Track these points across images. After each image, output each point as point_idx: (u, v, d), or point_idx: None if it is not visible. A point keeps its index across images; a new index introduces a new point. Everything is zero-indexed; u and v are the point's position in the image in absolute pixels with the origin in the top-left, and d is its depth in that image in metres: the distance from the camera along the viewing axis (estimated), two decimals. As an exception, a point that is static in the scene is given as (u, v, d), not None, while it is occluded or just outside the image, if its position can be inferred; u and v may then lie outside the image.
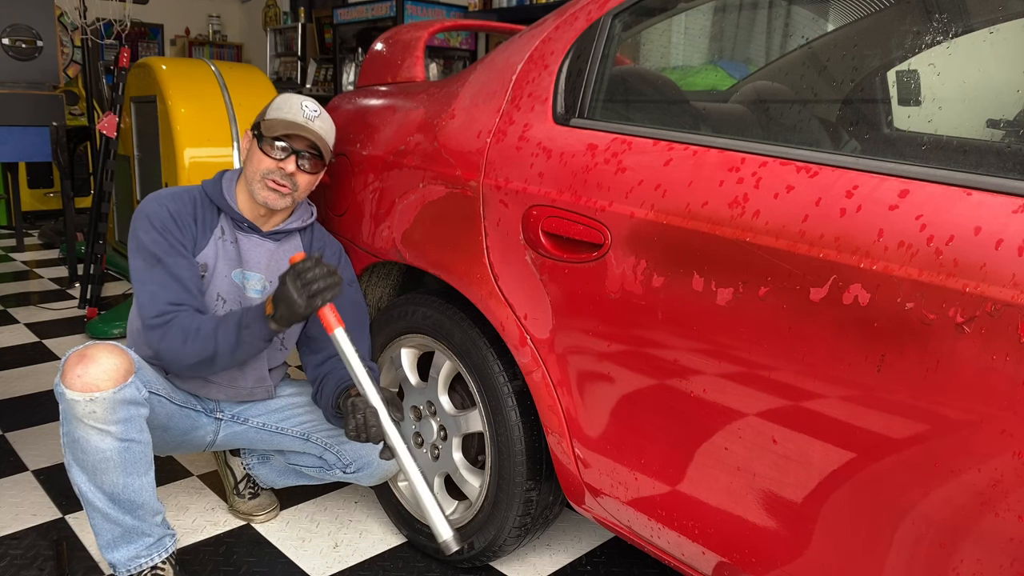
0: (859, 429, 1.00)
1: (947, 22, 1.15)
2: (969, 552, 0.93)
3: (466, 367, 1.60)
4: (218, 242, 1.65)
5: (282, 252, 1.71)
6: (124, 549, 1.53)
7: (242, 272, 1.68)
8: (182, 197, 1.65)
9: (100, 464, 1.45)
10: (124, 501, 1.49)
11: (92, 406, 1.41)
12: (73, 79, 5.86)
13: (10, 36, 3.89)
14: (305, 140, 1.61)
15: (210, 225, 1.65)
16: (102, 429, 1.43)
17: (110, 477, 1.46)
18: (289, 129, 1.59)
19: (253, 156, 1.63)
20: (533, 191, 1.40)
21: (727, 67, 1.85)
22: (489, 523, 1.62)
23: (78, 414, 1.41)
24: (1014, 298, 0.86)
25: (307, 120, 1.62)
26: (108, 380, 1.42)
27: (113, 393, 1.42)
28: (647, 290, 1.22)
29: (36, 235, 5.52)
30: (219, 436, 1.76)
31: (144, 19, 7.54)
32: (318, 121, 1.64)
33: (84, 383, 1.40)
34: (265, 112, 1.66)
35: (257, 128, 1.63)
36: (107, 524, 1.51)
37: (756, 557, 1.17)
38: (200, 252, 1.63)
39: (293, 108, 1.63)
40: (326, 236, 1.80)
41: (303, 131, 1.60)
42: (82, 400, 1.40)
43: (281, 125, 1.60)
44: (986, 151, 1.01)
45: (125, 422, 1.45)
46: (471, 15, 5.75)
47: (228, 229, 1.67)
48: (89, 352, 1.44)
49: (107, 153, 3.42)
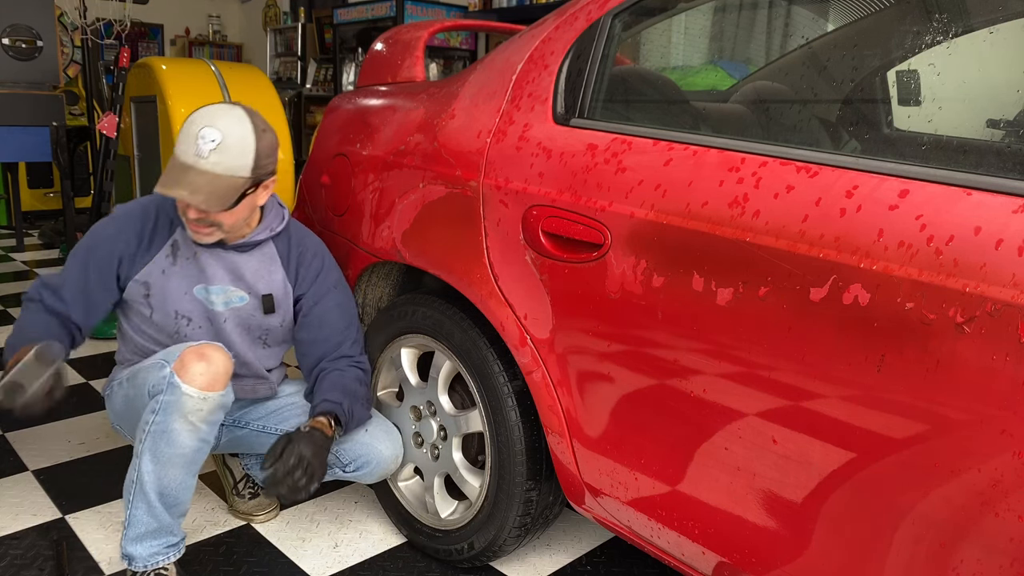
0: (859, 429, 1.00)
1: (947, 22, 1.15)
2: (969, 552, 0.93)
3: (466, 367, 1.60)
4: (166, 260, 1.61)
5: (255, 261, 1.67)
6: (149, 544, 1.55)
7: (205, 288, 1.63)
8: (133, 214, 1.62)
9: (175, 458, 1.49)
10: (172, 497, 1.52)
11: (202, 404, 1.46)
12: (73, 79, 5.85)
13: (10, 36, 3.89)
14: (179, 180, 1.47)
15: (159, 242, 1.61)
16: (196, 426, 1.47)
17: (174, 472, 1.50)
18: (167, 184, 1.46)
19: None
20: (533, 191, 1.40)
21: (727, 67, 1.85)
22: (489, 523, 1.62)
23: (186, 409, 1.45)
24: (1014, 298, 0.86)
25: (197, 159, 1.46)
26: (221, 382, 1.49)
27: (222, 396, 1.49)
28: (647, 290, 1.22)
29: (36, 235, 5.52)
30: (221, 441, 1.77)
31: (144, 19, 7.53)
32: (214, 156, 1.45)
33: (206, 381, 1.45)
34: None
35: None
36: (148, 517, 1.53)
37: (756, 557, 1.17)
38: (140, 271, 1.59)
39: (189, 144, 1.47)
40: (305, 239, 1.74)
41: (180, 182, 1.45)
42: (196, 397, 1.45)
43: (172, 171, 1.47)
44: (986, 151, 1.01)
45: (213, 424, 1.51)
46: (471, 15, 5.75)
47: (186, 244, 1.61)
48: (207, 352, 1.48)
49: (107, 153, 3.42)
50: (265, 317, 1.69)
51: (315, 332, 1.71)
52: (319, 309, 1.71)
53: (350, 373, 1.69)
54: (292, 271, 1.71)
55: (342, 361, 1.70)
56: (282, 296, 1.70)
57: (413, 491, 1.85)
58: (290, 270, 1.71)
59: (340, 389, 1.65)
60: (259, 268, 1.67)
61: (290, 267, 1.71)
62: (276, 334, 1.74)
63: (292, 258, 1.71)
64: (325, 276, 1.73)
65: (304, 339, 1.73)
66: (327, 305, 1.72)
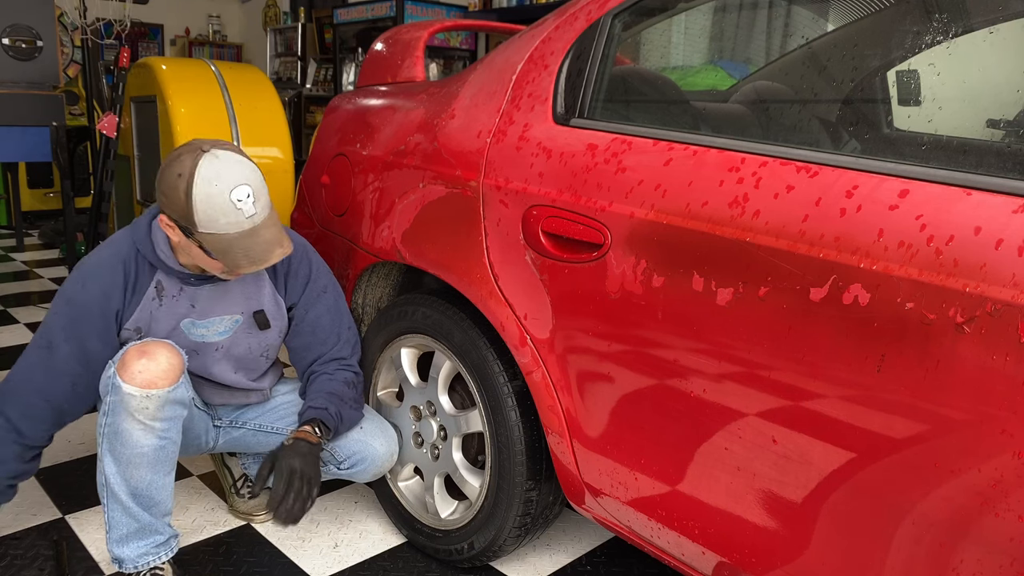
0: (859, 429, 1.00)
1: (947, 22, 1.15)
2: (969, 552, 0.93)
3: (466, 367, 1.60)
4: (152, 303, 1.55)
5: (244, 283, 1.63)
6: (134, 545, 1.55)
7: (192, 323, 1.58)
8: (112, 268, 1.52)
9: (135, 458, 1.47)
10: (146, 497, 1.51)
11: (146, 402, 1.44)
12: (73, 79, 5.85)
13: (10, 36, 3.88)
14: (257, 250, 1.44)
15: (142, 287, 1.54)
16: (148, 425, 1.45)
17: (140, 472, 1.48)
18: (251, 262, 1.44)
19: (200, 259, 1.47)
20: (533, 191, 1.40)
21: (727, 67, 1.85)
22: (489, 523, 1.62)
23: (130, 408, 1.43)
24: (1014, 298, 0.86)
25: (252, 220, 1.41)
26: (165, 378, 1.45)
27: (168, 392, 1.45)
28: (647, 290, 1.22)
29: (36, 235, 5.52)
30: (219, 442, 1.77)
31: (144, 19, 7.54)
32: (258, 206, 1.42)
33: (144, 379, 1.43)
34: (193, 220, 1.39)
35: (191, 235, 1.42)
36: (125, 518, 1.52)
37: (756, 557, 1.17)
38: (130, 318, 1.54)
39: (230, 216, 1.39)
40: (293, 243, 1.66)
41: (255, 239, 1.43)
42: (138, 395, 1.43)
43: (235, 246, 1.41)
44: (986, 151, 1.01)
45: (169, 420, 1.48)
46: (471, 15, 5.75)
47: (171, 283, 1.56)
48: (150, 348, 1.46)
49: (107, 153, 3.42)
50: (262, 333, 1.67)
51: (307, 338, 1.72)
52: (311, 316, 1.70)
53: (338, 377, 1.69)
54: (281, 282, 1.68)
55: (332, 365, 1.71)
56: (274, 309, 1.67)
57: (413, 491, 1.85)
58: (278, 282, 1.68)
59: (326, 394, 1.65)
60: (246, 287, 1.63)
61: (278, 279, 1.68)
62: (276, 346, 1.74)
63: (278, 271, 1.67)
64: (314, 282, 1.70)
65: (296, 346, 1.73)
66: (318, 311, 1.71)
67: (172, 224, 1.44)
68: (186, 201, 1.38)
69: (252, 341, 1.67)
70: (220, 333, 1.63)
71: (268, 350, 1.72)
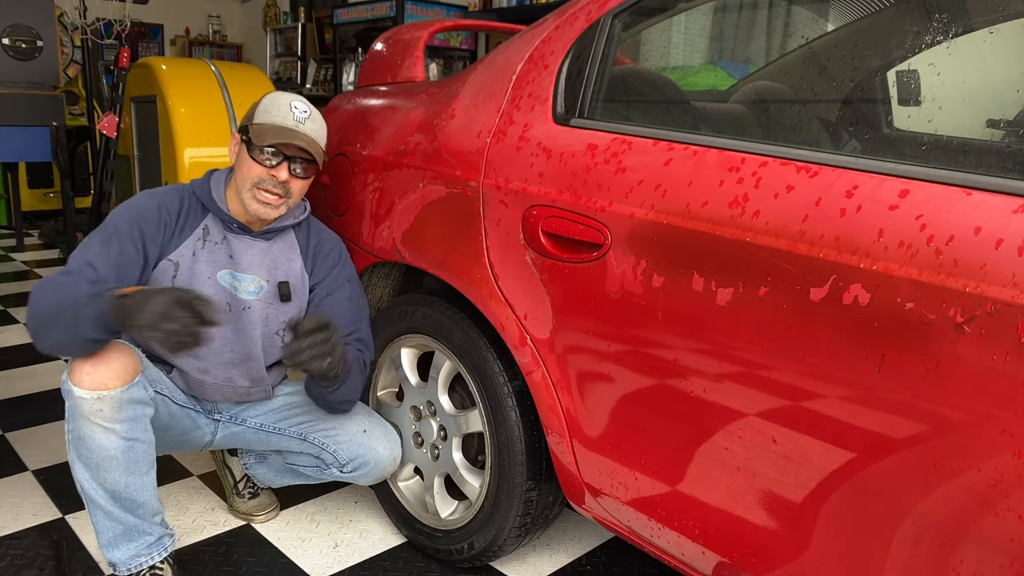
0: (859, 429, 1.00)
1: (947, 22, 1.15)
2: (969, 552, 0.93)
3: (466, 367, 1.60)
4: (197, 243, 1.62)
5: (276, 250, 1.70)
6: (124, 547, 1.54)
7: (231, 273, 1.65)
8: (171, 193, 1.63)
9: (104, 462, 1.45)
10: (125, 499, 1.50)
11: (99, 404, 1.41)
12: (73, 79, 5.86)
13: (10, 36, 3.89)
14: (296, 145, 1.57)
15: (191, 225, 1.62)
16: (108, 427, 1.43)
17: (113, 475, 1.47)
18: (280, 136, 1.56)
19: (243, 163, 1.59)
20: (533, 191, 1.40)
21: (727, 67, 1.85)
22: (489, 523, 1.62)
23: (85, 412, 1.42)
24: (1014, 298, 0.86)
25: (297, 124, 1.58)
26: (116, 379, 1.43)
27: (121, 392, 1.43)
28: (647, 290, 1.22)
29: (36, 235, 5.52)
30: (217, 436, 1.76)
31: (144, 19, 7.54)
32: (309, 123, 1.60)
33: (93, 381, 1.41)
34: (253, 114, 1.61)
35: (245, 132, 1.59)
36: (108, 522, 1.51)
37: (756, 557, 1.17)
38: (173, 251, 1.60)
39: (282, 111, 1.59)
40: (323, 232, 1.79)
41: (294, 136, 1.56)
42: (89, 398, 1.41)
43: (271, 132, 1.56)
44: (986, 151, 1.01)
45: (131, 421, 1.46)
46: (471, 15, 5.75)
47: (216, 230, 1.64)
48: (101, 353, 1.43)
49: (107, 153, 3.42)
50: (282, 305, 1.70)
51: None
52: (331, 300, 1.73)
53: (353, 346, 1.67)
54: (310, 260, 1.74)
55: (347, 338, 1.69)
56: (299, 284, 1.72)
57: (413, 491, 1.85)
58: (307, 259, 1.74)
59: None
60: (279, 255, 1.70)
61: (308, 256, 1.74)
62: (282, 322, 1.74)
63: (311, 247, 1.74)
64: (341, 269, 1.76)
65: None
66: (339, 297, 1.73)
67: (236, 136, 1.63)
68: (257, 103, 1.63)
69: (271, 312, 1.69)
70: (250, 292, 1.67)
71: (284, 327, 1.72)
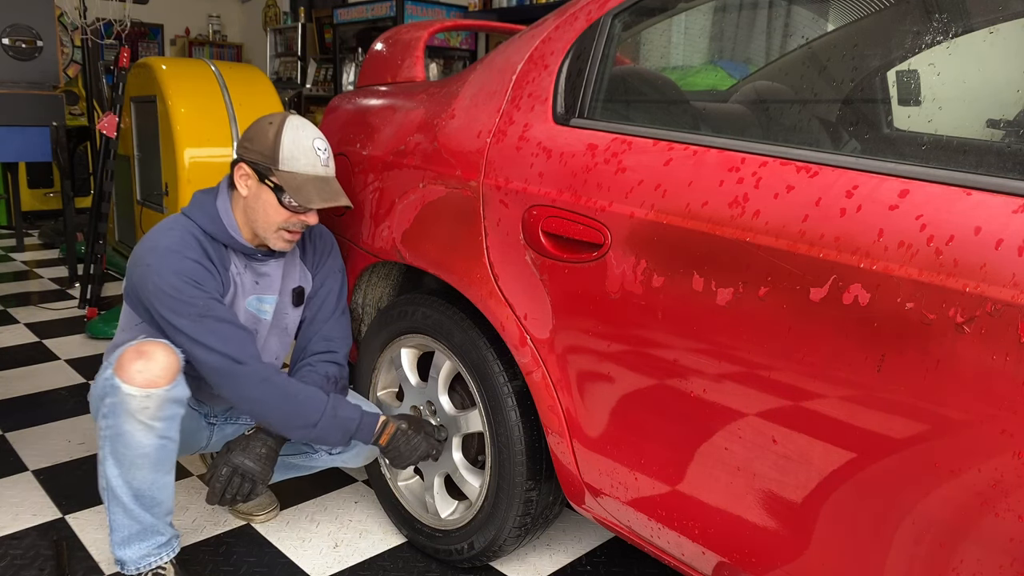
0: (859, 429, 1.00)
1: (947, 22, 1.15)
2: (969, 552, 0.93)
3: (466, 367, 1.60)
4: (236, 278, 1.63)
5: (286, 260, 1.72)
6: (136, 547, 1.55)
7: (257, 298, 1.67)
8: (190, 245, 1.53)
9: (138, 459, 1.47)
10: (148, 498, 1.51)
11: (147, 402, 1.44)
12: (73, 79, 5.85)
13: (10, 36, 3.88)
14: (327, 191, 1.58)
15: (223, 265, 1.60)
16: (149, 425, 1.45)
17: (142, 473, 1.49)
18: (323, 196, 1.55)
19: (268, 208, 1.56)
20: (533, 191, 1.40)
21: (727, 67, 1.85)
22: (489, 523, 1.62)
23: (131, 409, 1.43)
24: (1014, 298, 0.86)
25: (326, 168, 1.58)
26: (164, 377, 1.45)
27: (167, 391, 1.45)
28: (647, 290, 1.22)
29: (36, 235, 5.52)
30: (213, 439, 1.78)
31: (144, 19, 7.54)
32: (331, 163, 1.61)
33: (144, 378, 1.43)
34: (276, 156, 1.54)
35: (268, 176, 1.54)
36: (127, 520, 1.52)
37: (756, 557, 1.17)
38: (226, 294, 1.60)
39: (310, 157, 1.56)
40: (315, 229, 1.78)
41: (333, 192, 1.58)
42: (139, 395, 1.43)
43: (312, 187, 1.55)
44: (986, 151, 1.01)
45: (169, 420, 1.48)
46: (471, 15, 5.75)
47: (238, 261, 1.64)
48: (147, 349, 1.46)
49: (107, 153, 3.42)
50: (295, 310, 1.74)
51: (312, 311, 1.76)
52: (323, 291, 1.77)
53: (320, 370, 1.69)
54: (308, 254, 1.77)
55: (318, 357, 1.72)
56: (305, 283, 1.76)
57: (413, 491, 1.85)
58: (307, 257, 1.77)
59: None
60: (288, 264, 1.73)
61: (307, 254, 1.77)
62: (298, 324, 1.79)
63: (307, 244, 1.77)
64: (333, 259, 1.80)
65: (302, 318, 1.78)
66: (331, 286, 1.77)
67: (250, 172, 1.55)
68: (275, 140, 1.54)
69: (289, 320, 1.74)
70: (265, 313, 1.69)
71: (294, 326, 1.77)
